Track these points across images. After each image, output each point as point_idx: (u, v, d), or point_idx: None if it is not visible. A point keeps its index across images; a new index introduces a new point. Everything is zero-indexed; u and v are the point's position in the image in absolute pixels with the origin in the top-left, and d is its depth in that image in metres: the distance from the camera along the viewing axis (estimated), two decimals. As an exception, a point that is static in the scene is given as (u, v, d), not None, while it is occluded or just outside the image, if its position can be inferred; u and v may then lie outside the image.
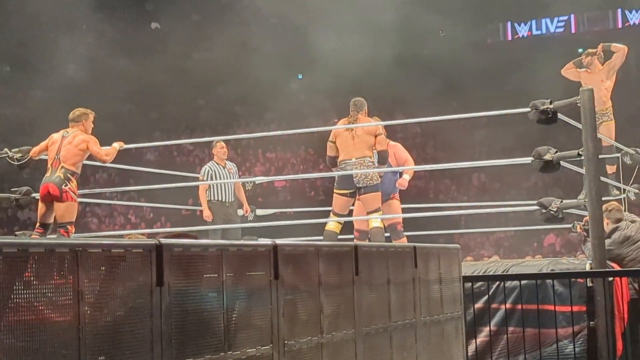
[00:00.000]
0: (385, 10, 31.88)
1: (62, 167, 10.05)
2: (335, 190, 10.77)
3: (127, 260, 3.69)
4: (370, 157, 10.54)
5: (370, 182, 10.44)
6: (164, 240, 3.89)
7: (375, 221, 10.48)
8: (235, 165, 13.31)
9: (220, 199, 12.59)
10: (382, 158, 10.58)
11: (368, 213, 10.50)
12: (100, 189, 17.82)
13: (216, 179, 12.61)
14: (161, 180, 13.30)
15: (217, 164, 12.80)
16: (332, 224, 10.70)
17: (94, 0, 32.30)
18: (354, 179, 10.45)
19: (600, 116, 11.79)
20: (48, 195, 10.01)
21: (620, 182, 11.82)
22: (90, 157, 10.42)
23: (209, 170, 12.78)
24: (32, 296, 3.22)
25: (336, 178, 10.73)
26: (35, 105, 32.26)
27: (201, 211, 12.70)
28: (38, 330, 3.23)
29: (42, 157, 10.63)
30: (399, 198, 11.23)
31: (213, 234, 12.10)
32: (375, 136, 10.56)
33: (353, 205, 10.99)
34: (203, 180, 12.69)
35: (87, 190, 13.50)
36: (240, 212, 12.92)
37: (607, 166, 12.25)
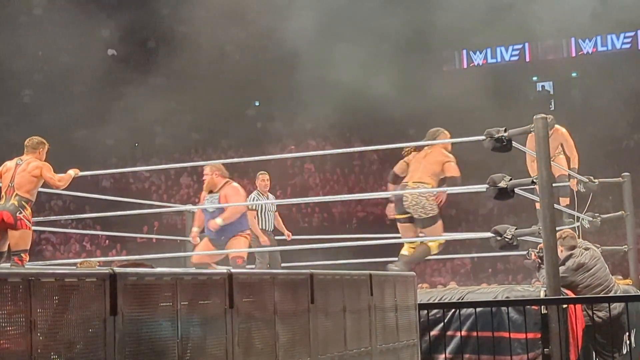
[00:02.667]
0: (340, 37, 32.03)
1: (17, 194, 9.94)
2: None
3: (80, 289, 3.67)
4: (429, 185, 10.16)
5: (423, 212, 10.16)
6: (118, 269, 3.87)
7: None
8: (274, 196, 13.49)
9: (265, 227, 12.76)
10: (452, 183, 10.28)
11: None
12: (55, 217, 17.68)
13: (260, 208, 12.74)
14: (117, 207, 13.23)
15: (261, 194, 13.00)
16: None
17: (50, 27, 32.19)
18: (404, 203, 10.20)
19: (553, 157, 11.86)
20: (2, 223, 9.89)
21: (574, 211, 11.90)
22: (44, 184, 10.34)
23: (256, 199, 12.98)
24: (-16, 326, 3.19)
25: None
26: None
27: (157, 239, 12.68)
28: (-10, 360, 3.20)
29: None
30: (246, 235, 11.36)
31: (261, 261, 12.23)
32: (444, 163, 10.23)
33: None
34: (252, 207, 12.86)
35: (42, 218, 13.39)
36: None
37: (561, 198, 12.28)
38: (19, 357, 3.33)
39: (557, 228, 8.71)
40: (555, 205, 9.45)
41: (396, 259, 10.52)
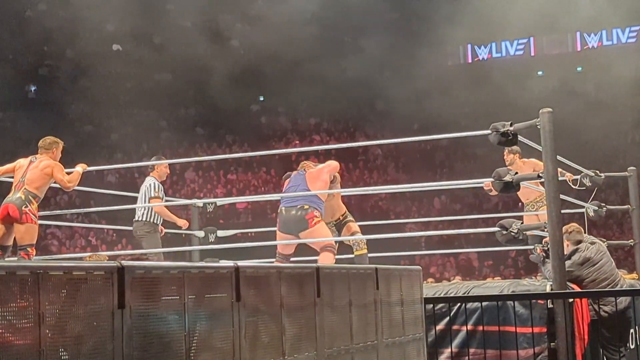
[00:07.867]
0: (347, 32, 32.01)
1: (25, 189, 9.96)
2: None
3: (88, 282, 3.67)
4: None
5: None
6: (125, 263, 3.88)
7: None
8: (154, 181, 11.75)
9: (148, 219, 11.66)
10: None
11: None
12: (60, 211, 17.67)
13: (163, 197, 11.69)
14: (122, 201, 13.21)
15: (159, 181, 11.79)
16: None
17: (54, 22, 32.18)
18: None
19: (534, 203, 11.80)
20: (7, 217, 9.90)
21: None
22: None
23: (159, 186, 11.78)
24: (-7, 319, 3.20)
25: None
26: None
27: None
28: (-2, 353, 3.20)
29: (4, 179, 10.54)
30: None
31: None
32: None
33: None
34: (158, 195, 11.56)
35: (48, 212, 13.37)
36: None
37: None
38: (28, 350, 3.33)
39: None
40: (562, 196, 9.43)
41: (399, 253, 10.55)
